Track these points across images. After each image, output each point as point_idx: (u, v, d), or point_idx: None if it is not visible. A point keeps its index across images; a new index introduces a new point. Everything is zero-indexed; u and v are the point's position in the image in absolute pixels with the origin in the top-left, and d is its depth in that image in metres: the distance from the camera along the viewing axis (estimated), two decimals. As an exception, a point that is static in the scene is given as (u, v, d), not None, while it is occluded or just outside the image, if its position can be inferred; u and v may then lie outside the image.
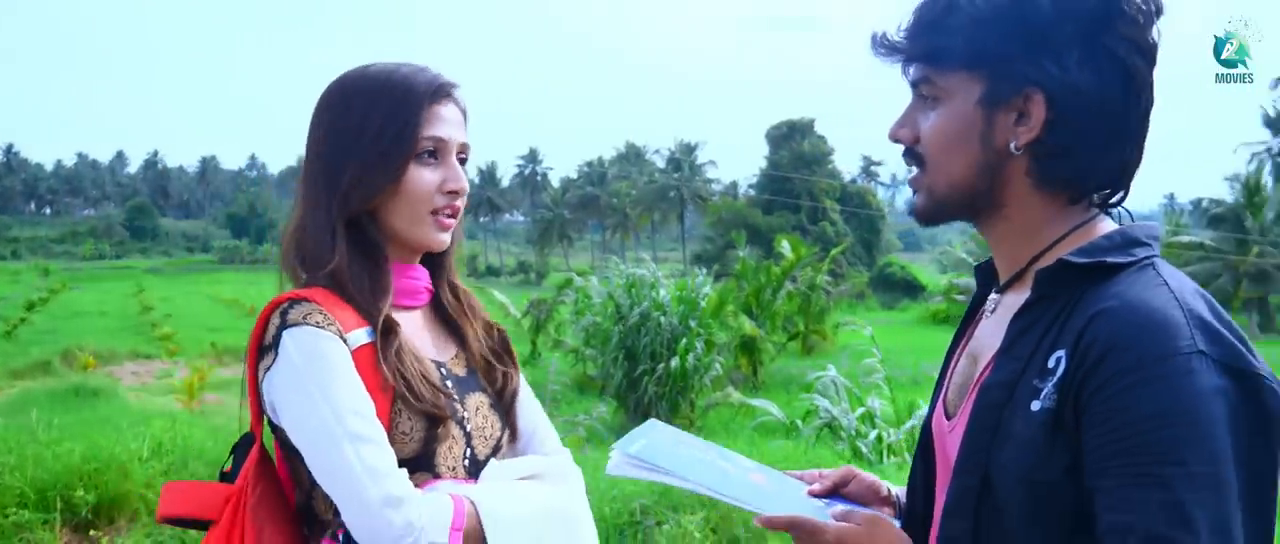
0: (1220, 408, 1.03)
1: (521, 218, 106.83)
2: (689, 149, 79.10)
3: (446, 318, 1.67)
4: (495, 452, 1.60)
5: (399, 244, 1.57)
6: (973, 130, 1.20)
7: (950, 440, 1.27)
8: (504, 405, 1.65)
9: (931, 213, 1.27)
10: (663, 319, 13.53)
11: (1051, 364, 1.12)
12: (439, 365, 1.59)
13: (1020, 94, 1.17)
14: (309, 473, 1.45)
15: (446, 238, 1.57)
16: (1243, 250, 39.32)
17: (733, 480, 1.37)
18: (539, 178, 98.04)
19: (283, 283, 1.57)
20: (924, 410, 7.48)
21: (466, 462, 1.55)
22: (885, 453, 7.46)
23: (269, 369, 1.44)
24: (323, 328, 1.43)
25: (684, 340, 13.25)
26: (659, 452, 1.36)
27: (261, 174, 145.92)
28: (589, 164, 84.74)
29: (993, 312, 1.30)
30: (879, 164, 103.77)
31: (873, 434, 7.77)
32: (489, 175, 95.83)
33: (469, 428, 1.57)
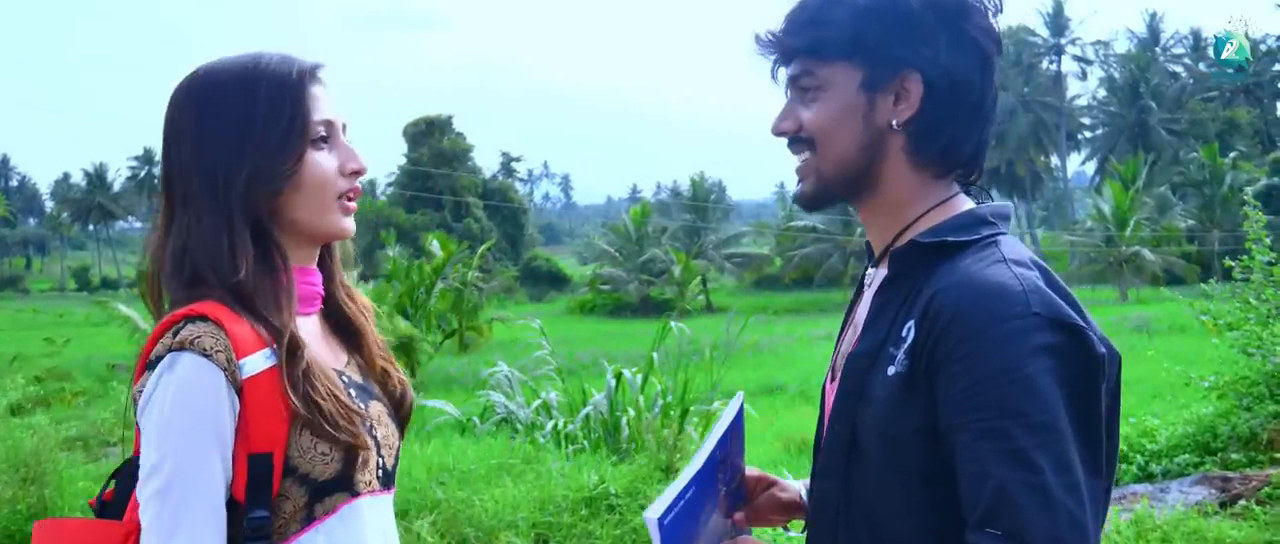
0: (1048, 361, 1.14)
1: (138, 224, 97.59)
2: (323, 147, 75.93)
3: (337, 321, 1.54)
4: (396, 461, 1.51)
5: (303, 241, 1.45)
6: (856, 112, 1.30)
7: (829, 398, 1.40)
8: (401, 417, 1.55)
9: (816, 196, 1.37)
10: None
11: (904, 333, 1.24)
12: (340, 374, 1.45)
13: (898, 76, 1.28)
14: None
15: (352, 223, 1.47)
16: (848, 232, 43.84)
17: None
18: (156, 180, 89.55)
19: (164, 306, 1.40)
20: (598, 397, 7.65)
21: (380, 474, 1.45)
22: (563, 441, 7.62)
23: (142, 392, 1.31)
24: (209, 355, 1.28)
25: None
26: (678, 531, 1.27)
27: None
28: (214, 164, 78.74)
29: (871, 286, 1.40)
30: (518, 160, 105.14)
31: (550, 425, 7.91)
32: (98, 178, 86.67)
33: (377, 437, 1.46)
